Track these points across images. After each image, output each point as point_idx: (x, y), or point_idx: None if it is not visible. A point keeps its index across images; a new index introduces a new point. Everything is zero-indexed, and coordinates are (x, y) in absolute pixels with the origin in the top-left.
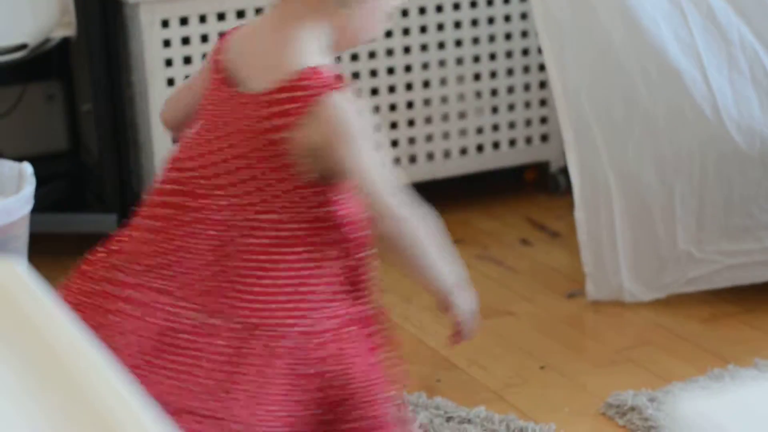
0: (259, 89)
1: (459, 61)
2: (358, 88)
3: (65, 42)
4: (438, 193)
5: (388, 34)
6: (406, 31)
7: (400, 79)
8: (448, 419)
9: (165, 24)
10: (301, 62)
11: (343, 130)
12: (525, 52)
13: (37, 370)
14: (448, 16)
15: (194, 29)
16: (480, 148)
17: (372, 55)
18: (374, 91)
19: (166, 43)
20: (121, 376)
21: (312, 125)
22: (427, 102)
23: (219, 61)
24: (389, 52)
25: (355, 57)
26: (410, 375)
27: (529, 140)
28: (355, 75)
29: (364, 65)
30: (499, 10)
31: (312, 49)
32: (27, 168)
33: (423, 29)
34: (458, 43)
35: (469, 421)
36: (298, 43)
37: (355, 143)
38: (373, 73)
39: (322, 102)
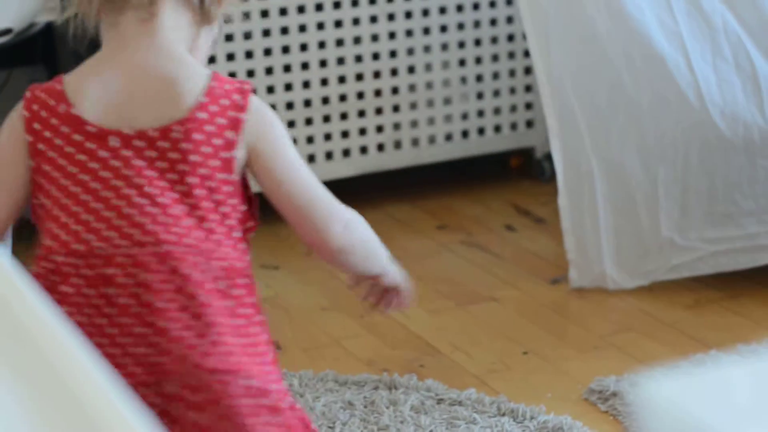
0: (176, 116)
1: (444, 47)
2: (341, 73)
3: (50, 26)
4: (423, 179)
5: (373, 19)
6: (390, 17)
7: (384, 64)
8: (439, 401)
9: None
10: (201, 74)
11: (275, 125)
12: (510, 37)
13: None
14: (433, 2)
15: None
16: (465, 133)
17: (357, 40)
18: (359, 77)
19: None
20: (98, 361)
21: (249, 128)
22: (412, 87)
23: (76, 117)
24: (374, 38)
25: (340, 43)
26: (394, 360)
27: (514, 126)
28: (340, 61)
29: (348, 51)
30: None
31: (196, 61)
32: None
33: (408, 15)
34: (443, 28)
35: (460, 403)
36: (186, 59)
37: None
38: (358, 59)
39: (250, 105)
